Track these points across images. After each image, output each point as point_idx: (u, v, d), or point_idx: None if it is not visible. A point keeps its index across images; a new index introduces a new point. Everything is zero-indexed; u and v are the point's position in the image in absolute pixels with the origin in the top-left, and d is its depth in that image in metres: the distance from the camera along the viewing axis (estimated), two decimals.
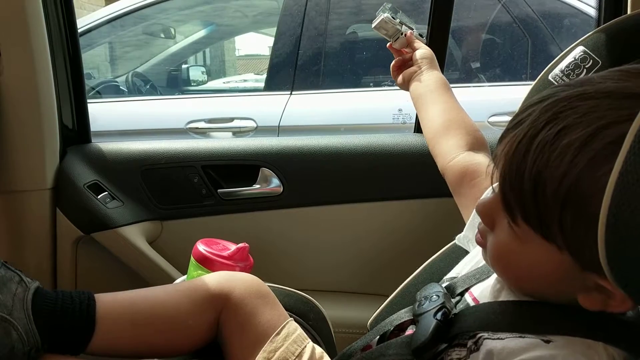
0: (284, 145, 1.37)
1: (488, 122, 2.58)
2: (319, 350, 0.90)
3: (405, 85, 1.13)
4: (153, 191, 1.38)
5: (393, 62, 1.17)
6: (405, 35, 1.13)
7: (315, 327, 1.11)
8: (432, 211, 1.29)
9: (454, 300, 0.74)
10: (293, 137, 1.40)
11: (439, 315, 0.68)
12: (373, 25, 1.15)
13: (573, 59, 0.94)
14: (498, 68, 2.94)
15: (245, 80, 4.75)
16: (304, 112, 2.74)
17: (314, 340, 1.07)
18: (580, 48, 0.93)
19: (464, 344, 0.64)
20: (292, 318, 0.91)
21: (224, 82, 4.91)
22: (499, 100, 2.79)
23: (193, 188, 1.37)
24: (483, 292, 0.72)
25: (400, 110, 2.37)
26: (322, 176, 1.36)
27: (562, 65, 0.94)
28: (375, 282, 1.25)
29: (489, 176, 0.61)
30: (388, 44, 1.16)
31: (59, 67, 1.37)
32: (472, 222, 0.89)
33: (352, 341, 0.87)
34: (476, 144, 1.00)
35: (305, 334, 0.91)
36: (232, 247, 1.14)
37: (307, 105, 2.79)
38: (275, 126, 2.66)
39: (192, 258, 1.14)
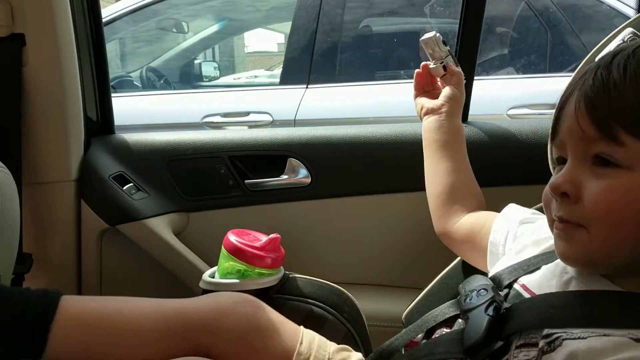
0: (312, 135, 1.35)
1: (507, 114, 2.55)
2: (340, 346, 0.87)
3: (420, 114, 1.12)
4: (179, 182, 1.36)
5: (418, 78, 1.15)
6: (446, 65, 1.11)
7: (350, 319, 1.09)
8: None
9: (502, 293, 0.71)
10: (321, 127, 1.37)
11: (490, 311, 0.66)
12: (422, 38, 1.14)
13: (622, 41, 0.91)
14: (518, 60, 2.91)
15: (256, 77, 4.73)
16: (320, 106, 2.73)
17: (349, 334, 1.06)
18: (629, 30, 0.91)
19: (532, 343, 0.61)
20: (302, 327, 0.88)
21: (234, 79, 4.90)
22: (517, 93, 2.76)
23: (220, 179, 1.35)
24: (536, 283, 0.69)
25: None
26: (351, 167, 1.33)
27: (611, 47, 0.92)
28: (407, 275, 1.23)
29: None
30: (424, 63, 1.14)
31: (84, 58, 1.35)
32: (502, 224, 0.87)
33: (385, 335, 0.85)
34: (478, 206, 1.01)
35: (324, 338, 0.88)
36: (264, 238, 1.12)
37: (323, 99, 2.77)
38: (292, 120, 2.65)
39: (222, 249, 1.12)
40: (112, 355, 0.76)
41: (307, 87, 2.79)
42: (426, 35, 1.13)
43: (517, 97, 2.66)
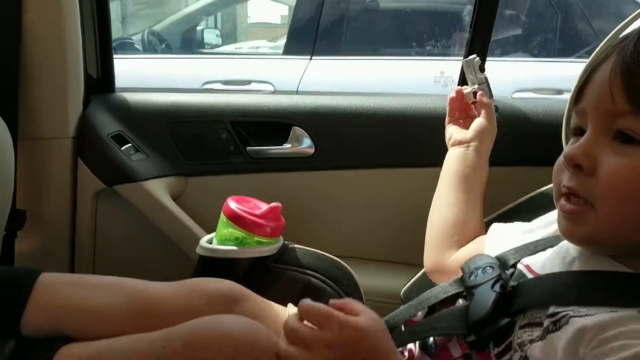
0: (318, 104, 1.31)
1: (512, 97, 2.52)
2: None
3: (448, 143, 1.06)
4: (179, 145, 1.32)
5: (452, 103, 1.09)
6: (480, 92, 1.07)
7: (348, 292, 1.08)
8: None
9: (507, 272, 0.69)
10: (327, 97, 1.34)
11: (497, 287, 0.64)
12: (466, 59, 1.12)
13: None
14: (527, 43, 2.87)
15: (258, 47, 4.68)
16: (323, 78, 2.70)
17: None
18: None
19: (536, 322, 0.59)
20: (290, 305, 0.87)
21: (236, 48, 4.85)
22: (523, 76, 2.74)
23: (221, 144, 1.32)
24: (540, 264, 0.68)
25: (442, 72, 2.31)
26: (357, 138, 1.30)
27: (635, 24, 0.89)
28: (408, 251, 1.20)
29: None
30: (458, 88, 1.09)
31: (86, 13, 1.31)
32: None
33: (383, 310, 0.83)
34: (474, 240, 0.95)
35: None
36: (264, 206, 1.10)
37: (327, 71, 2.74)
38: (294, 91, 2.63)
39: (222, 215, 1.10)
40: (88, 333, 0.75)
41: (311, 59, 2.76)
42: (470, 57, 1.11)
43: (523, 81, 2.64)
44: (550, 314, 0.58)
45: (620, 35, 0.91)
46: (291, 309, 0.87)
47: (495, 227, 0.88)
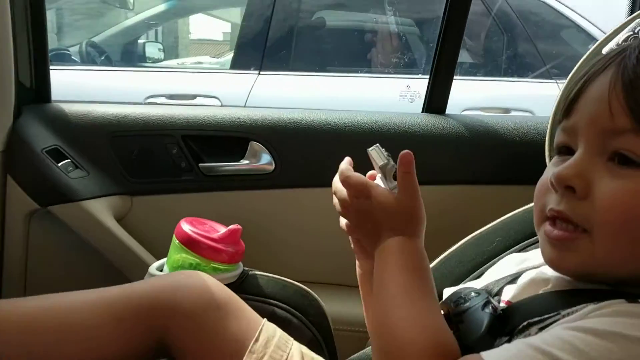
0: (278, 117, 1.23)
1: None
2: (306, 350, 0.82)
3: None
4: (123, 161, 1.23)
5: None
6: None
7: (316, 323, 0.99)
8: (443, 199, 1.17)
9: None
10: (288, 110, 1.26)
11: (488, 309, 0.58)
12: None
13: (632, 32, 0.85)
14: (475, 63, 2.91)
15: (201, 63, 4.57)
16: (272, 93, 2.64)
17: (314, 340, 0.97)
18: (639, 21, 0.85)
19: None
20: (265, 319, 0.81)
21: (178, 63, 4.73)
22: (471, 96, 2.76)
23: (171, 160, 1.22)
24: (514, 292, 0.62)
25: (408, 86, 2.27)
26: (320, 154, 1.22)
27: (619, 39, 0.85)
28: None
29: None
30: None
31: (19, 18, 1.19)
32: None
33: (354, 340, 0.75)
34: None
35: (287, 335, 0.82)
36: (222, 229, 1.00)
37: (276, 86, 2.69)
38: (242, 106, 2.54)
39: (174, 239, 1.00)
40: (62, 353, 0.72)
41: (259, 74, 2.70)
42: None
43: (471, 99, 2.65)
44: (540, 324, 0.53)
45: (604, 50, 0.88)
46: (267, 324, 0.80)
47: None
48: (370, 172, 0.68)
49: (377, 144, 0.71)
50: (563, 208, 0.52)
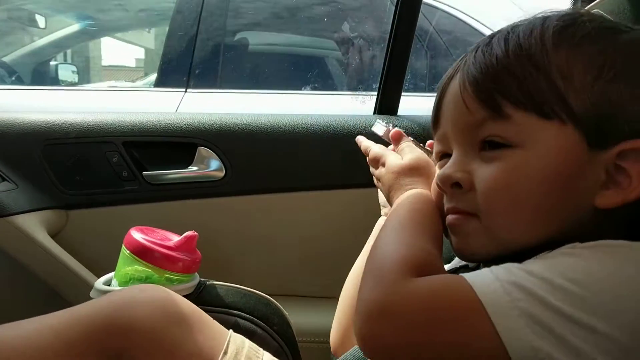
0: (227, 121, 1.17)
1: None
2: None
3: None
4: (57, 172, 1.13)
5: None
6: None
7: (280, 333, 0.93)
8: None
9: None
10: (237, 114, 1.20)
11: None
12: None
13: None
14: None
15: (115, 87, 4.41)
16: (201, 110, 2.57)
17: (280, 350, 0.91)
18: None
19: None
20: (231, 330, 0.77)
21: (93, 87, 4.54)
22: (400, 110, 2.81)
23: (111, 169, 1.13)
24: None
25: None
26: (272, 159, 1.17)
27: None
28: (339, 284, 1.08)
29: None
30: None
31: None
32: None
33: (318, 351, 0.71)
34: None
35: (256, 345, 0.78)
36: (175, 237, 0.93)
37: (204, 104, 2.62)
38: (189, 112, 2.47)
39: (123, 249, 0.91)
40: None
41: (186, 91, 2.63)
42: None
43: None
44: None
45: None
46: (233, 335, 0.75)
47: None
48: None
49: (378, 120, 0.78)
50: (455, 203, 0.56)
